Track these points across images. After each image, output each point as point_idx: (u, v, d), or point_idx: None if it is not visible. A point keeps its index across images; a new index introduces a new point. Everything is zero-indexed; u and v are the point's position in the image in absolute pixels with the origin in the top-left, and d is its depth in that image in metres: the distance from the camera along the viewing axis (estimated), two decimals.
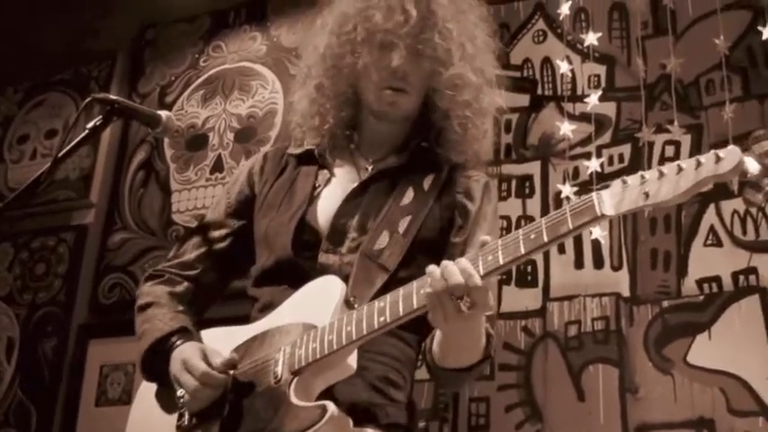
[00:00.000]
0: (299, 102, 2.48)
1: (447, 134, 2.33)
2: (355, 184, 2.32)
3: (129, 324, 2.40)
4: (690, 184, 1.62)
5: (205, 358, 2.10)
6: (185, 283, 2.41)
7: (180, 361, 2.13)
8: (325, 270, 2.17)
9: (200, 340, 2.25)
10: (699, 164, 1.61)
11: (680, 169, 1.63)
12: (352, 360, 1.99)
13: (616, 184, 1.72)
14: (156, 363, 2.24)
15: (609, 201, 1.71)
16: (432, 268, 1.85)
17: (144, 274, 2.54)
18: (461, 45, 2.31)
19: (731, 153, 1.60)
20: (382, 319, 1.91)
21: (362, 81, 2.34)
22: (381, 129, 2.39)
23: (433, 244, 2.21)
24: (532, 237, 1.78)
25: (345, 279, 2.11)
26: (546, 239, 1.76)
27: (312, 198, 2.30)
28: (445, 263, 1.84)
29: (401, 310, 1.90)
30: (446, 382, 2.21)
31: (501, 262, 1.80)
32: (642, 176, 1.68)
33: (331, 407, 1.89)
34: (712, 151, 1.61)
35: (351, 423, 1.95)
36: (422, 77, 2.30)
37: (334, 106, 2.41)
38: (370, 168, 2.36)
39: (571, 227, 1.73)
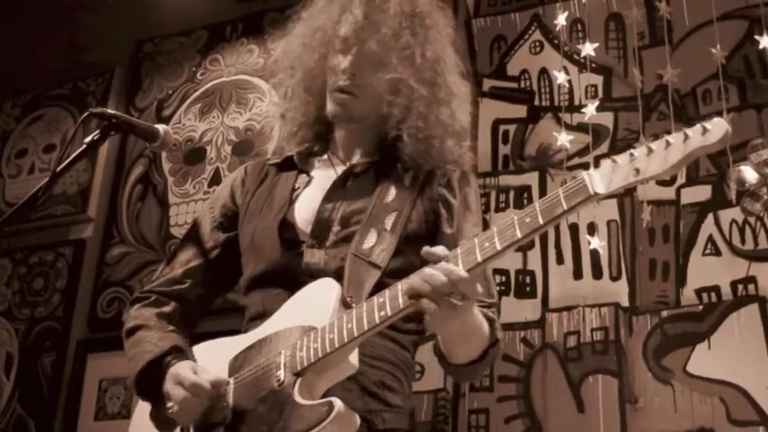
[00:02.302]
0: (274, 109, 2.53)
1: (401, 144, 2.33)
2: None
3: None
4: (679, 157, 1.65)
5: (195, 371, 2.11)
6: (172, 303, 2.40)
7: (173, 376, 2.14)
8: (310, 267, 2.18)
9: (192, 356, 2.25)
10: (686, 137, 1.65)
11: (668, 144, 1.66)
12: (354, 358, 1.99)
13: (606, 163, 1.75)
14: (150, 384, 2.24)
15: (600, 180, 1.73)
16: (412, 280, 1.87)
17: (132, 296, 2.54)
18: (411, 56, 2.33)
19: (717, 124, 1.64)
20: (383, 313, 1.92)
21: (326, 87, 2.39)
22: (348, 134, 2.41)
23: (421, 237, 2.21)
24: (528, 221, 1.80)
25: (333, 274, 2.13)
26: (541, 222, 1.77)
27: (292, 200, 2.32)
28: (425, 270, 1.87)
29: (401, 303, 1.90)
30: (461, 377, 2.24)
31: (498, 248, 1.82)
32: (631, 154, 1.71)
33: (338, 403, 1.89)
34: (699, 123, 1.64)
35: (358, 420, 1.95)
36: (372, 82, 2.32)
37: (304, 113, 2.45)
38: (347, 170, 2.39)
39: (566, 207, 1.76)
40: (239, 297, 2.37)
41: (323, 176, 2.38)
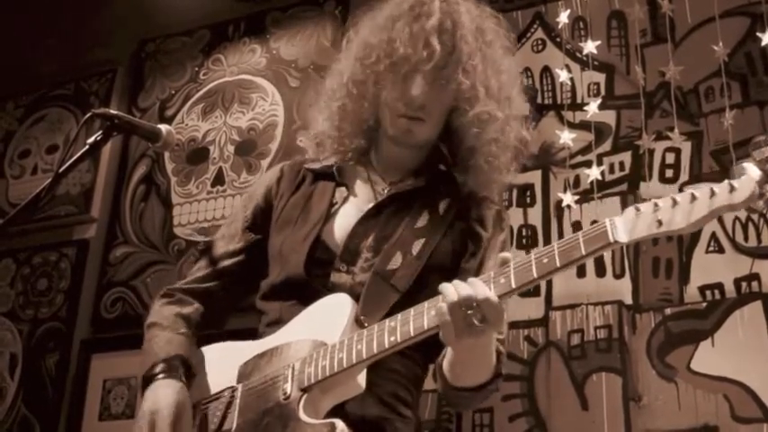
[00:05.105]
0: (322, 122, 2.48)
1: (473, 169, 2.33)
2: (371, 205, 2.32)
3: (132, 338, 2.41)
4: (703, 213, 1.64)
5: (173, 425, 2.09)
6: (195, 305, 2.40)
7: (151, 404, 2.12)
8: (336, 289, 2.17)
9: (191, 367, 2.26)
10: (713, 193, 1.64)
11: (693, 198, 1.65)
12: (362, 379, 2.00)
13: (629, 211, 1.74)
14: None
15: (622, 227, 1.73)
16: (444, 284, 1.87)
17: (155, 290, 2.55)
18: (486, 80, 2.30)
19: (745, 183, 1.62)
20: (393, 338, 1.92)
21: (383, 108, 2.34)
22: (398, 153, 2.39)
23: (446, 268, 2.21)
24: (545, 261, 1.79)
25: (357, 299, 2.12)
26: (558, 264, 1.78)
27: (328, 216, 2.31)
28: (456, 281, 1.86)
29: (411, 330, 1.91)
30: (457, 402, 2.20)
31: (513, 285, 1.82)
32: (656, 204, 1.70)
33: (339, 425, 1.90)
34: (726, 181, 1.62)
35: None
36: (441, 109, 2.29)
37: (353, 131, 2.42)
38: (386, 190, 2.36)
39: (584, 252, 1.75)
40: (256, 300, 2.38)
41: (360, 193, 2.38)
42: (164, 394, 2.14)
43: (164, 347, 2.26)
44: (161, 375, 2.19)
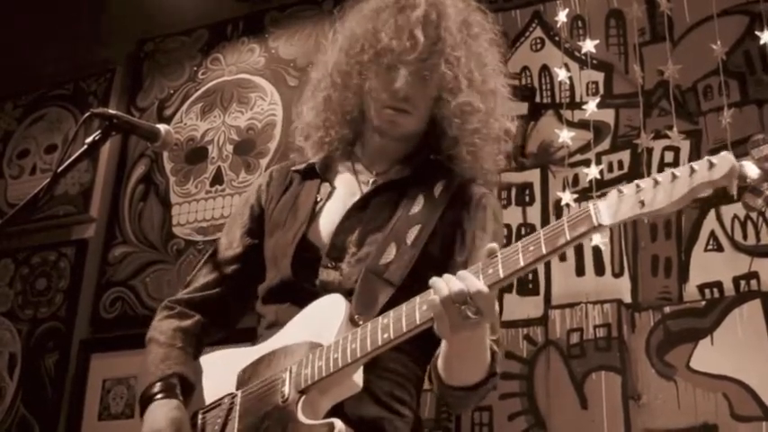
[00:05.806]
0: (306, 113, 2.50)
1: (457, 160, 2.33)
2: (356, 198, 2.32)
3: (131, 338, 2.42)
4: (684, 191, 1.63)
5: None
6: (196, 317, 2.40)
7: (151, 424, 2.14)
8: (325, 287, 2.18)
9: (188, 383, 2.26)
10: (692, 171, 1.63)
11: (674, 177, 1.65)
12: (358, 378, 2.00)
13: (612, 194, 1.73)
14: None
15: (605, 211, 1.72)
16: (434, 279, 1.86)
17: (154, 290, 2.54)
18: (470, 72, 2.30)
19: (723, 159, 1.61)
20: (386, 335, 1.92)
21: (367, 99, 2.35)
22: (385, 144, 2.39)
23: (439, 258, 2.21)
24: (531, 249, 1.79)
25: (347, 294, 2.12)
26: (545, 251, 1.77)
27: (314, 214, 2.31)
28: (447, 275, 1.86)
29: (404, 326, 1.90)
30: (452, 402, 2.18)
31: (501, 275, 1.82)
32: (637, 185, 1.69)
33: (338, 424, 1.90)
34: (705, 158, 1.62)
35: None
36: (426, 101, 2.29)
37: (338, 121, 2.42)
38: (371, 181, 2.37)
39: (569, 238, 1.75)
40: (257, 304, 2.38)
41: (346, 187, 2.38)
42: (162, 414, 2.15)
43: (159, 365, 2.26)
44: (159, 396, 2.20)
